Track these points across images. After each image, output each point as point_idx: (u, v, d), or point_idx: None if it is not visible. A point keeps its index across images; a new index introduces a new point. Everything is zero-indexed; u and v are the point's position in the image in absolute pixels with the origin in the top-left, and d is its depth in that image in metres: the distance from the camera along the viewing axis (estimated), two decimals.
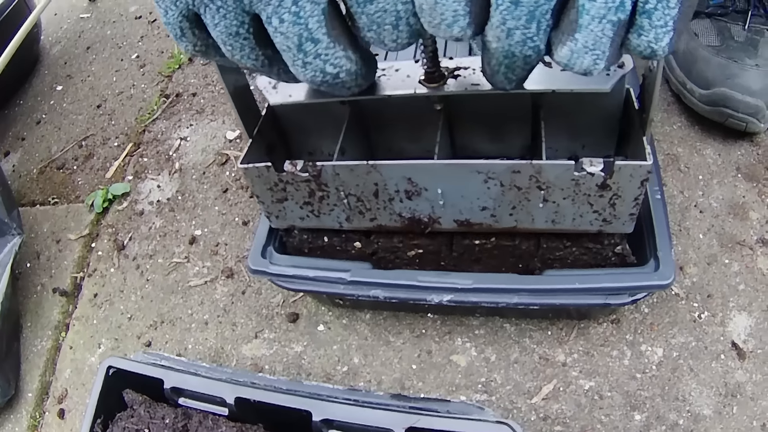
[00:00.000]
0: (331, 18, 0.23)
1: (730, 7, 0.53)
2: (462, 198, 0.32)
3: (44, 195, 0.63)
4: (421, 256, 0.40)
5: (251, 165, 0.34)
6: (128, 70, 0.71)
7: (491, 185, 0.31)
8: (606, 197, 0.30)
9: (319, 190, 0.34)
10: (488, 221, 0.34)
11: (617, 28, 0.21)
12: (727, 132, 0.52)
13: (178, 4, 0.24)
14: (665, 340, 0.42)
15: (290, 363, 0.45)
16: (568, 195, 0.31)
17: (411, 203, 0.34)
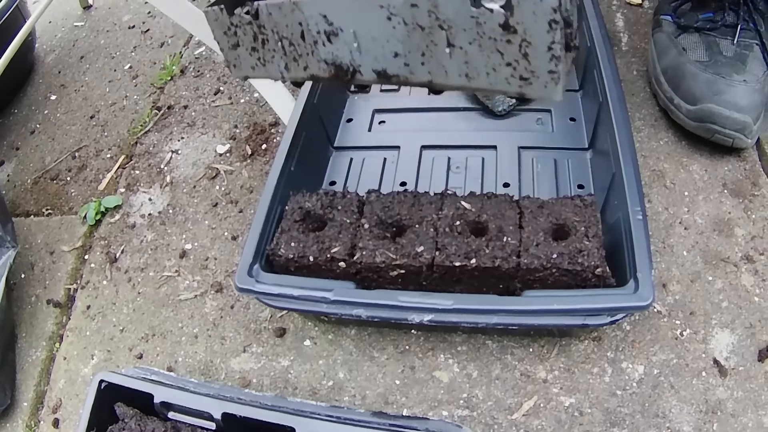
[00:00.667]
0: None
1: (720, 22, 0.54)
2: (374, 41, 0.32)
3: (38, 206, 0.65)
4: (403, 276, 0.41)
5: (209, 8, 0.36)
6: (121, 80, 0.73)
7: (395, 24, 0.30)
8: (515, 44, 0.28)
9: (260, 33, 0.35)
10: (403, 72, 0.32)
11: None
12: (714, 147, 0.52)
13: None
14: (646, 358, 0.43)
15: (277, 377, 0.46)
16: (473, 39, 0.29)
17: (332, 47, 0.33)
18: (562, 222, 0.40)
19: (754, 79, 0.50)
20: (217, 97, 0.67)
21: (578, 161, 0.49)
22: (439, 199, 0.43)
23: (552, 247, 0.39)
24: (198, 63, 0.73)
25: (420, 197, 0.43)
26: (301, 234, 0.43)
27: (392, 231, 0.43)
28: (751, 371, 0.42)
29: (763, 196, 0.51)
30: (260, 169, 0.59)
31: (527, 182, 0.48)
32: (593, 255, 0.38)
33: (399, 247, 0.40)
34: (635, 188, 0.41)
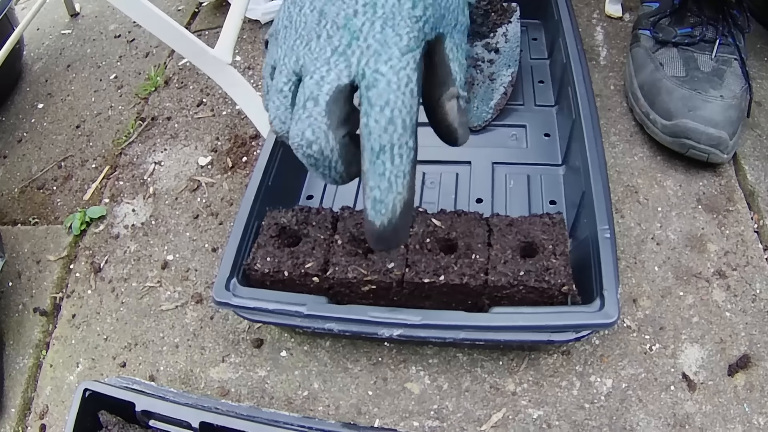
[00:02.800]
0: (340, 96, 0.28)
1: (698, 37, 0.56)
2: None
3: (25, 215, 0.67)
4: (375, 291, 0.43)
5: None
6: (106, 90, 0.75)
7: None
8: None
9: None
10: None
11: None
12: (689, 163, 0.54)
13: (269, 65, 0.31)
14: (615, 372, 0.45)
15: (254, 387, 0.49)
16: None
17: None
18: (530, 240, 0.42)
19: (731, 94, 0.52)
20: (200, 109, 0.69)
21: (551, 177, 0.51)
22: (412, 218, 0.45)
23: (519, 264, 0.41)
24: (182, 74, 0.75)
25: None
26: (277, 249, 0.45)
27: (364, 247, 0.45)
28: (720, 386, 0.44)
29: (737, 211, 0.53)
30: (240, 181, 0.61)
31: (500, 198, 0.50)
32: (560, 273, 0.40)
33: (370, 264, 0.42)
34: (604, 207, 0.43)
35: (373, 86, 0.29)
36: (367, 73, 0.29)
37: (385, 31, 0.29)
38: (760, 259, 0.50)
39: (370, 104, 0.29)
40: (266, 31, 0.78)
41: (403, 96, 0.29)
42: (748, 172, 0.55)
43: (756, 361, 0.45)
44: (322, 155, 0.29)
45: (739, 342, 0.46)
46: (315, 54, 0.30)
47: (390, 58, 0.29)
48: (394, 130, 0.29)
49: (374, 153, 0.29)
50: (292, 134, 0.29)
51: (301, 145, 0.29)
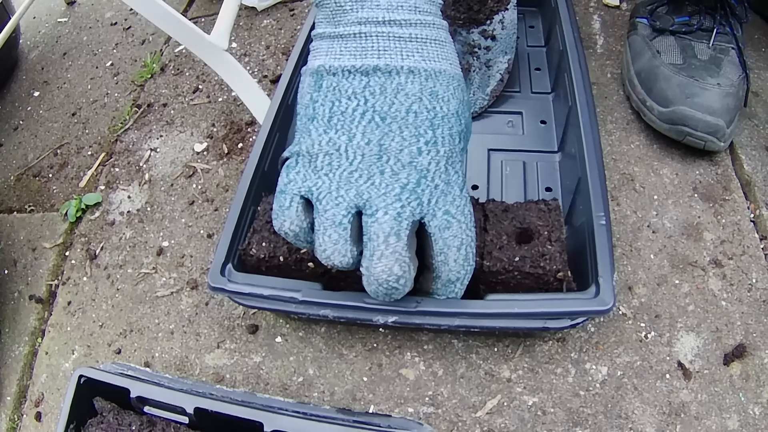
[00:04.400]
0: (413, 230, 0.31)
1: (695, 26, 0.55)
2: None
3: (21, 202, 0.66)
4: None
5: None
6: (102, 78, 0.74)
7: None
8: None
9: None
10: None
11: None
12: (686, 151, 0.54)
13: (299, 186, 0.31)
14: (610, 359, 0.45)
15: (249, 373, 0.48)
16: None
17: None
18: (526, 226, 0.42)
19: (729, 83, 0.52)
20: (196, 96, 0.68)
21: (547, 164, 0.51)
22: None
23: (515, 250, 0.40)
24: (178, 61, 0.74)
25: None
26: (273, 234, 0.44)
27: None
28: (715, 375, 0.43)
29: (734, 200, 0.52)
30: (236, 168, 0.60)
31: (496, 185, 0.49)
32: (555, 259, 0.39)
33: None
34: (600, 193, 0.42)
35: (447, 228, 0.31)
36: (438, 214, 0.31)
37: (448, 171, 0.30)
38: (756, 249, 0.49)
39: (446, 245, 0.31)
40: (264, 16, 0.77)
41: (471, 232, 0.32)
42: (745, 161, 0.54)
43: (752, 350, 0.44)
44: (404, 286, 0.30)
45: (734, 331, 0.45)
46: (383, 190, 0.29)
47: (454, 198, 0.31)
48: (468, 264, 0.32)
49: (450, 282, 0.33)
50: (377, 270, 0.30)
51: (389, 281, 0.30)
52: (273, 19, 0.77)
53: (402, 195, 0.29)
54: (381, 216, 0.29)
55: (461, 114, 0.31)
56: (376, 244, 0.29)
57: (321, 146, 0.31)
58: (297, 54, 0.55)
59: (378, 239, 0.29)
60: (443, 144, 0.30)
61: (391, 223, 0.29)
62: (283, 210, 0.32)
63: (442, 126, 0.30)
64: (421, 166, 0.29)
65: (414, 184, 0.29)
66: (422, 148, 0.29)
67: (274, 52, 0.71)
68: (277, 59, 0.70)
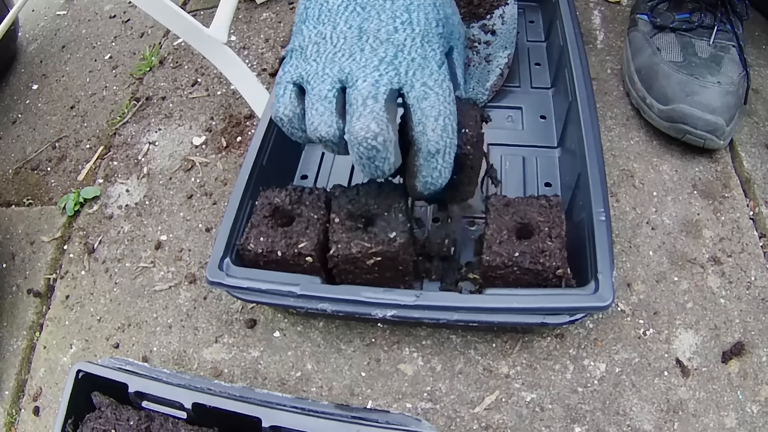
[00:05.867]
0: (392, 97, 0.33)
1: (696, 23, 0.54)
2: None
3: (19, 196, 0.65)
4: (380, 263, 0.41)
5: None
6: (101, 71, 0.73)
7: None
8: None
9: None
10: None
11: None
12: (685, 148, 0.53)
13: (291, 75, 0.33)
14: (608, 356, 0.44)
15: (247, 367, 0.48)
16: None
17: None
18: (526, 221, 0.41)
19: (729, 81, 0.51)
20: (195, 89, 0.67)
21: (547, 159, 0.50)
22: (403, 188, 0.43)
23: (515, 245, 0.40)
24: (177, 54, 0.73)
25: (384, 186, 0.43)
26: (270, 229, 0.43)
27: (362, 221, 0.44)
28: (714, 372, 0.43)
29: (733, 198, 0.52)
30: (234, 161, 0.59)
31: None
32: (555, 255, 0.38)
33: (372, 236, 0.41)
34: (600, 189, 0.41)
35: (424, 98, 0.32)
36: (416, 85, 0.32)
37: (424, 47, 0.32)
38: (755, 247, 0.49)
39: (424, 114, 0.32)
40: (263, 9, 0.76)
41: (450, 105, 0.33)
42: (745, 158, 0.54)
43: (750, 348, 0.44)
44: (383, 146, 0.31)
45: (733, 329, 0.45)
46: (362, 63, 0.32)
47: (432, 72, 0.33)
48: (447, 136, 0.32)
49: (430, 154, 0.33)
50: (355, 129, 0.31)
51: (367, 138, 0.31)
52: (272, 12, 0.76)
53: (380, 66, 0.32)
54: (360, 84, 0.31)
55: (439, 5, 0.34)
56: (355, 107, 0.31)
57: (310, 38, 0.34)
58: None
59: (357, 102, 0.31)
60: (418, 24, 0.32)
61: (369, 88, 0.31)
62: (278, 98, 0.34)
63: (418, 10, 0.33)
64: (398, 42, 0.32)
65: (392, 57, 0.32)
66: (398, 27, 0.32)
67: (273, 45, 0.71)
68: (276, 52, 0.69)
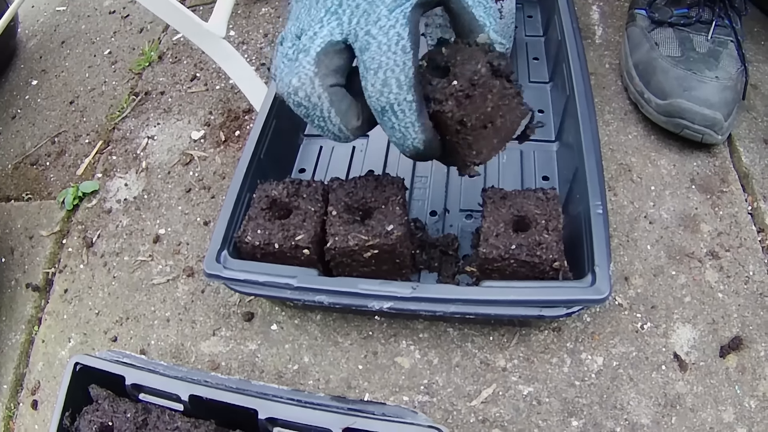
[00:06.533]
0: (331, 49, 0.32)
1: (694, 18, 0.54)
2: None
3: (18, 191, 0.65)
4: (377, 256, 0.41)
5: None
6: (100, 66, 0.73)
7: None
8: None
9: None
10: None
11: None
12: (684, 143, 0.53)
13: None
14: (606, 350, 0.44)
15: (245, 360, 0.48)
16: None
17: None
18: (523, 214, 0.41)
19: (727, 75, 0.51)
20: (194, 84, 0.67)
21: (544, 153, 0.50)
22: (401, 181, 0.43)
23: (512, 238, 0.39)
24: (176, 49, 0.73)
25: (382, 179, 0.43)
26: (268, 222, 0.43)
27: (360, 214, 0.44)
28: (711, 367, 0.43)
29: (731, 192, 0.52)
30: (233, 155, 0.59)
31: (492, 173, 0.49)
32: (552, 248, 0.38)
33: (369, 229, 0.41)
34: (597, 183, 0.41)
35: (366, 49, 0.29)
36: (360, 34, 0.30)
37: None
38: (753, 241, 0.49)
39: (365, 68, 0.29)
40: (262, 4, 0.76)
41: (395, 56, 0.29)
42: (743, 153, 0.54)
43: (748, 343, 0.44)
44: (309, 102, 0.30)
45: (731, 323, 0.45)
46: (311, 16, 0.31)
47: (379, 18, 0.29)
48: (389, 92, 0.29)
49: (378, 113, 0.30)
50: (281, 85, 0.29)
51: (289, 93, 0.30)
52: (271, 6, 0.76)
53: (324, 18, 0.30)
54: (303, 38, 0.30)
55: None
56: (291, 62, 0.30)
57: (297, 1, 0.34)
58: None
59: (293, 58, 0.30)
60: None
61: (305, 42, 0.30)
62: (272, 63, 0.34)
63: None
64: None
65: (336, 6, 0.30)
66: None
67: (272, 40, 0.71)
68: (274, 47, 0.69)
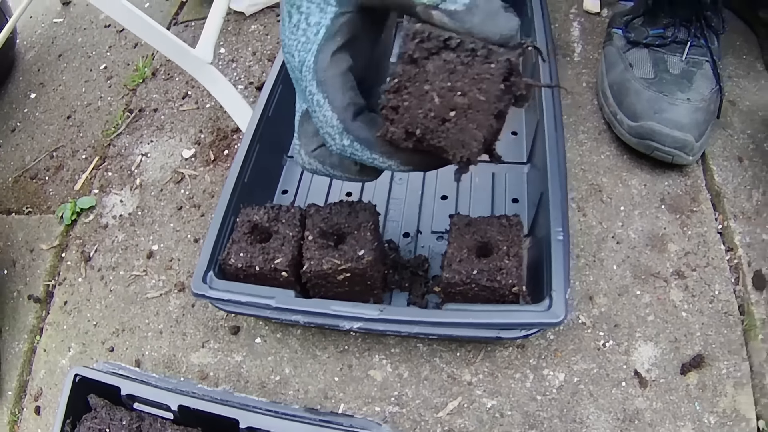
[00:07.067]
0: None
1: (670, 38, 0.58)
2: None
3: (19, 204, 0.72)
4: (350, 278, 0.47)
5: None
6: (96, 81, 0.79)
7: None
8: None
9: None
10: None
11: None
12: (655, 163, 0.57)
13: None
14: (568, 366, 0.49)
15: (231, 371, 0.54)
16: None
17: None
18: (486, 240, 0.46)
19: (699, 97, 0.55)
20: (185, 101, 0.73)
21: (515, 175, 0.55)
22: (373, 208, 0.49)
23: (474, 264, 0.45)
24: (169, 65, 0.79)
25: (356, 205, 0.49)
26: (249, 245, 0.49)
27: (334, 239, 0.49)
28: (672, 384, 0.47)
29: (701, 212, 0.56)
30: (221, 174, 0.65)
31: (464, 195, 0.54)
32: (512, 273, 0.43)
33: (342, 253, 0.46)
34: (559, 209, 0.46)
35: (312, 114, 0.34)
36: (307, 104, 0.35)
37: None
38: (721, 261, 0.53)
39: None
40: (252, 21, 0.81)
41: (325, 118, 0.33)
42: (716, 172, 0.58)
43: (710, 361, 0.48)
44: (312, 170, 0.39)
45: (693, 341, 0.49)
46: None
47: (306, 86, 0.33)
48: (335, 144, 0.33)
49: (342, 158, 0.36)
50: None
51: (303, 167, 0.40)
52: (260, 24, 0.81)
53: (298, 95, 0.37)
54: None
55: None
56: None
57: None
58: (279, 64, 0.60)
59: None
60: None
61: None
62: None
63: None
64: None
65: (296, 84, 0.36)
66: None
67: (260, 58, 0.76)
68: (263, 65, 0.74)
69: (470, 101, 0.29)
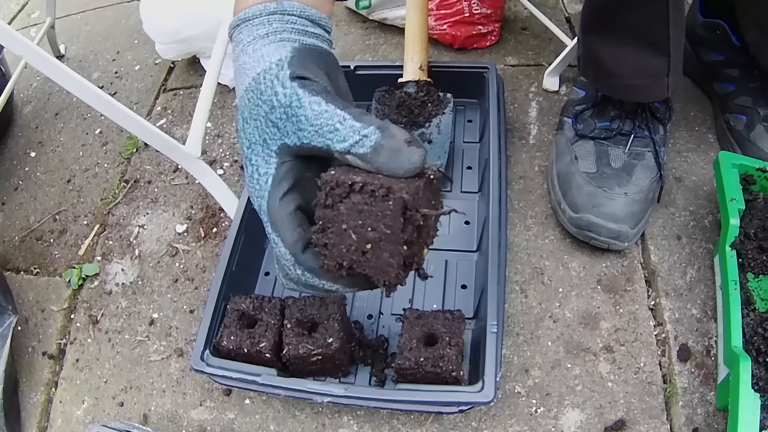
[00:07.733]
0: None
1: (615, 131, 0.76)
2: None
3: (26, 263, 0.94)
4: (321, 360, 0.68)
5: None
6: (92, 145, 0.99)
7: None
8: None
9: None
10: None
11: None
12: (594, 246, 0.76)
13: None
14: (504, 429, 0.70)
15: (225, 426, 0.76)
16: None
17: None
18: (432, 331, 0.67)
19: (637, 189, 0.73)
20: (176, 175, 0.93)
21: (466, 263, 0.74)
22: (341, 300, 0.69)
23: (421, 352, 0.65)
24: None
25: (326, 299, 0.69)
26: (239, 330, 0.70)
27: (308, 327, 0.70)
28: None
29: (635, 291, 0.75)
30: (211, 251, 0.86)
31: (419, 282, 0.74)
32: (452, 360, 0.64)
33: (315, 340, 0.68)
34: (495, 303, 0.66)
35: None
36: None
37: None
38: (649, 335, 0.73)
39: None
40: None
41: (274, 239, 0.43)
42: (653, 252, 0.77)
43: (631, 425, 0.67)
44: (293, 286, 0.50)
45: (617, 408, 0.69)
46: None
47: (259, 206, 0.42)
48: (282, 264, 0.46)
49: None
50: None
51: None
52: None
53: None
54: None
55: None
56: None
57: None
58: None
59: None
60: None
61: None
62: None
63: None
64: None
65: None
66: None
67: None
68: None
69: (380, 235, 0.37)
